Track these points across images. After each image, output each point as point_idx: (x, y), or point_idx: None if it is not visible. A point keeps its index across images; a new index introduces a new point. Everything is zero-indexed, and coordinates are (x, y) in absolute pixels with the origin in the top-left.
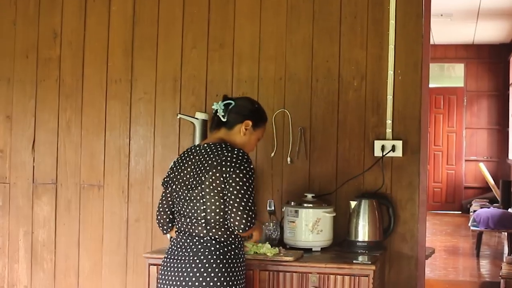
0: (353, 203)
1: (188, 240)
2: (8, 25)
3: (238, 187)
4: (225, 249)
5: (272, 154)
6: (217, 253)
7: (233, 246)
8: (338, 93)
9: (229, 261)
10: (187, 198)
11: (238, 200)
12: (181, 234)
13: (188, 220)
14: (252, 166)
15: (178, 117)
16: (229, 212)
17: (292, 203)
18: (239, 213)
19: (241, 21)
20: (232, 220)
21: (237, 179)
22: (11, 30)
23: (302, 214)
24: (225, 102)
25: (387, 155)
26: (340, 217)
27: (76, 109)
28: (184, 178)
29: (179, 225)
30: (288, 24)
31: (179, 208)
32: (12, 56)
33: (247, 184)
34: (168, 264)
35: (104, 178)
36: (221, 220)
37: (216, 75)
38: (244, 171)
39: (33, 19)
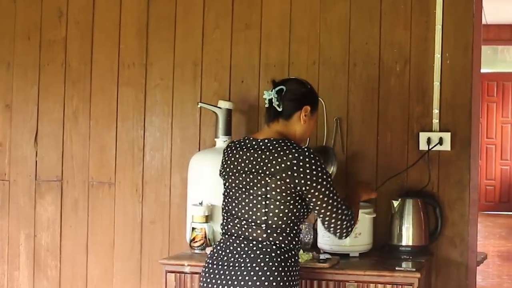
0: (395, 203)
1: (242, 245)
2: (8, 3)
3: (323, 196)
4: (286, 255)
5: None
6: (279, 259)
7: (293, 252)
8: (379, 80)
9: (290, 268)
10: (244, 198)
11: (330, 209)
12: (233, 237)
13: (243, 222)
14: (324, 165)
15: (198, 106)
16: (326, 224)
17: None
18: (338, 227)
19: None
20: (333, 232)
21: (319, 186)
22: (11, 8)
23: None
24: (277, 89)
25: (433, 149)
26: (381, 219)
27: (84, 97)
28: (238, 176)
29: (229, 226)
30: (322, 1)
31: (230, 208)
32: (12, 38)
33: (331, 189)
34: (216, 271)
35: (115, 174)
36: (283, 226)
37: (241, 59)
38: (321, 173)
39: None
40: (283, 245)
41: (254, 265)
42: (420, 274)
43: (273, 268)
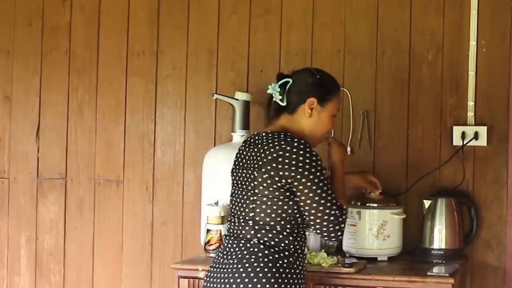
0: (427, 203)
1: (234, 244)
2: None
3: (312, 195)
4: (276, 255)
5: None
6: (265, 260)
7: (286, 253)
8: (409, 69)
9: (280, 270)
10: (238, 195)
11: (316, 212)
12: (227, 237)
13: (236, 220)
14: (318, 157)
15: (214, 97)
16: (312, 224)
17: (353, 202)
18: (324, 227)
19: None
20: (320, 234)
21: (303, 180)
22: None
23: (365, 216)
24: (280, 83)
25: (468, 144)
26: (411, 220)
27: (90, 88)
28: (239, 173)
29: (229, 226)
30: None
31: (231, 207)
32: (12, 24)
33: (321, 184)
34: (212, 274)
35: (123, 172)
36: (271, 223)
37: (260, 47)
38: (308, 165)
39: None
40: (272, 243)
41: (239, 266)
42: (454, 279)
43: (258, 269)
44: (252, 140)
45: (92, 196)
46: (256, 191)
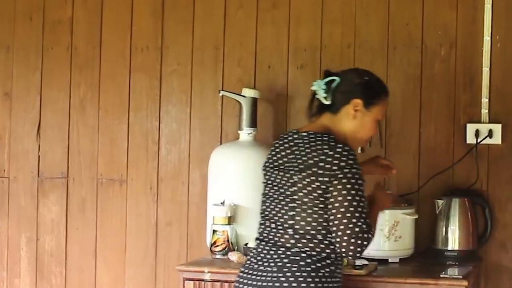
0: (440, 203)
1: (272, 251)
2: None
3: (342, 199)
4: (318, 264)
5: None
6: (308, 269)
7: (328, 261)
8: (421, 65)
9: (323, 279)
10: (276, 198)
11: (342, 217)
12: (264, 242)
13: (273, 225)
14: (359, 167)
15: (220, 94)
16: (334, 232)
17: None
18: (345, 236)
19: None
20: (339, 244)
21: (340, 188)
22: None
23: None
24: (326, 80)
25: (482, 142)
26: (424, 220)
27: (92, 84)
28: (274, 173)
29: (261, 229)
30: None
31: (264, 208)
32: (12, 18)
33: (354, 192)
34: (246, 281)
35: (127, 171)
36: (312, 232)
37: (268, 42)
38: (349, 175)
39: None
40: (314, 253)
41: (280, 275)
42: (467, 281)
43: (300, 279)
44: (290, 139)
45: (95, 196)
46: (296, 197)
